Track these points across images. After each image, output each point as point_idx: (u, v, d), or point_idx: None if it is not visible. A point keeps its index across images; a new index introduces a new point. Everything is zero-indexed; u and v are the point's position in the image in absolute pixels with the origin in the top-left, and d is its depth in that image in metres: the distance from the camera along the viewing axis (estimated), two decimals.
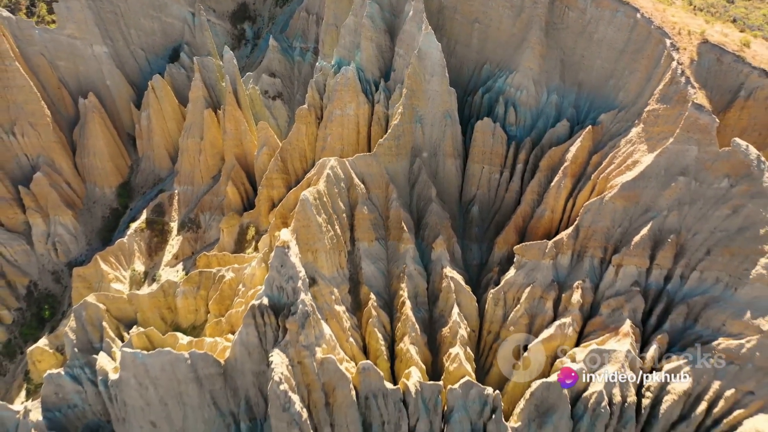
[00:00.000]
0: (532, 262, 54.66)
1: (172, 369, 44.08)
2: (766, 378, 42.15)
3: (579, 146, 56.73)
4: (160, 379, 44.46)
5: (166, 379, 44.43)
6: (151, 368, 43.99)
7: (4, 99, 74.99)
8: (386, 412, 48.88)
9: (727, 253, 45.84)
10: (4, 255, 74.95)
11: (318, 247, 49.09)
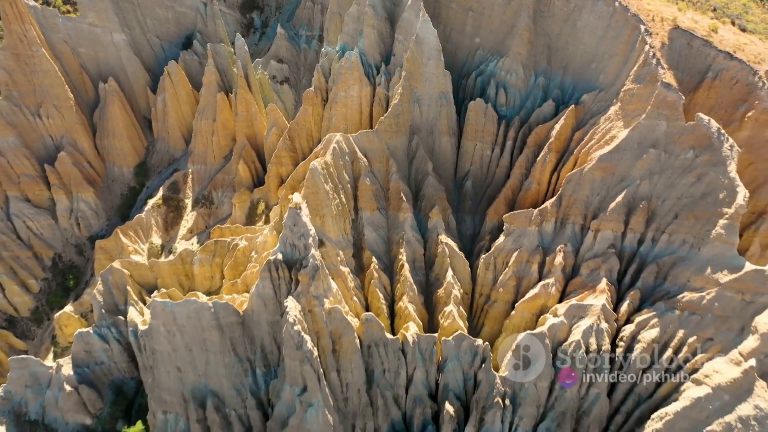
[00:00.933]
0: (520, 229, 59.31)
1: (197, 317, 48.94)
2: (724, 326, 46.77)
3: (563, 124, 61.38)
4: (186, 327, 49.28)
5: (192, 327, 49.26)
6: (179, 316, 48.84)
7: (30, 83, 79.42)
8: (387, 361, 53.82)
9: (691, 217, 50.52)
10: (31, 228, 79.48)
11: (325, 213, 53.87)
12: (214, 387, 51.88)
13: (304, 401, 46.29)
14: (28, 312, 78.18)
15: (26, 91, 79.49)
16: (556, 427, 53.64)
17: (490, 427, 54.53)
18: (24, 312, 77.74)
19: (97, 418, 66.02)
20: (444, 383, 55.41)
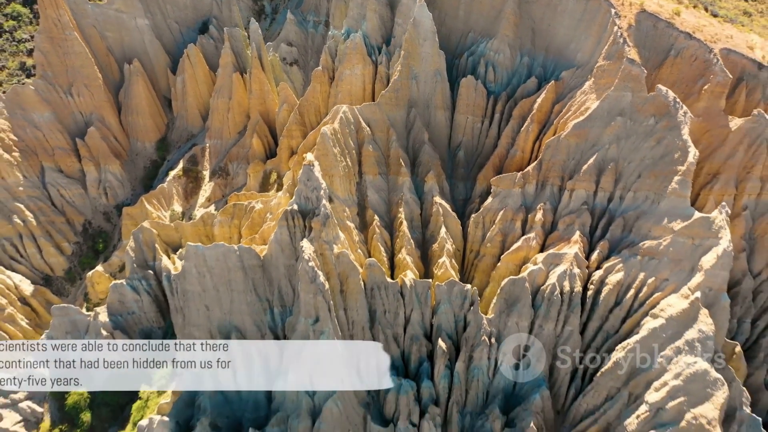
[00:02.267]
0: (505, 191, 65.81)
1: (224, 259, 55.61)
2: (677, 267, 53.35)
3: (544, 98, 67.77)
4: (214, 268, 56.00)
5: (219, 268, 56.02)
6: (209, 258, 55.51)
7: (63, 64, 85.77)
8: (387, 302, 60.61)
9: (652, 176, 57.09)
10: (64, 197, 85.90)
11: (334, 173, 60.51)
12: (238, 323, 58.69)
13: (316, 330, 53.08)
14: (63, 272, 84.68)
15: (59, 71, 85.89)
16: (535, 361, 60.63)
17: (477, 363, 61.48)
18: (59, 272, 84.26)
19: None
20: (437, 324, 62.17)
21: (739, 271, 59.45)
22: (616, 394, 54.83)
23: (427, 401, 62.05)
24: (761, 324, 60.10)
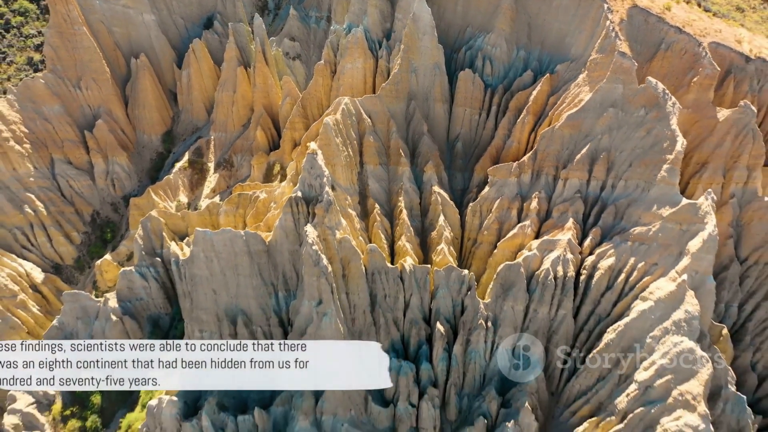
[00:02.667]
0: (502, 180, 67.74)
1: (231, 244, 57.56)
2: (666, 252, 55.33)
3: (539, 90, 69.69)
4: (222, 253, 57.96)
5: (227, 253, 57.92)
6: (216, 243, 57.47)
7: (72, 58, 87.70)
8: (387, 287, 62.59)
9: (642, 164, 59.01)
10: (72, 187, 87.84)
11: (336, 162, 62.47)
12: (244, 306, 60.72)
13: (320, 312, 55.11)
14: (72, 261, 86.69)
15: (68, 65, 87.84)
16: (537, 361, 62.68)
17: (475, 346, 63.50)
18: (68, 261, 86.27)
19: None
20: (436, 308, 64.19)
21: (727, 257, 61.50)
22: (607, 375, 56.85)
23: (426, 383, 64.12)
24: (748, 308, 62.02)
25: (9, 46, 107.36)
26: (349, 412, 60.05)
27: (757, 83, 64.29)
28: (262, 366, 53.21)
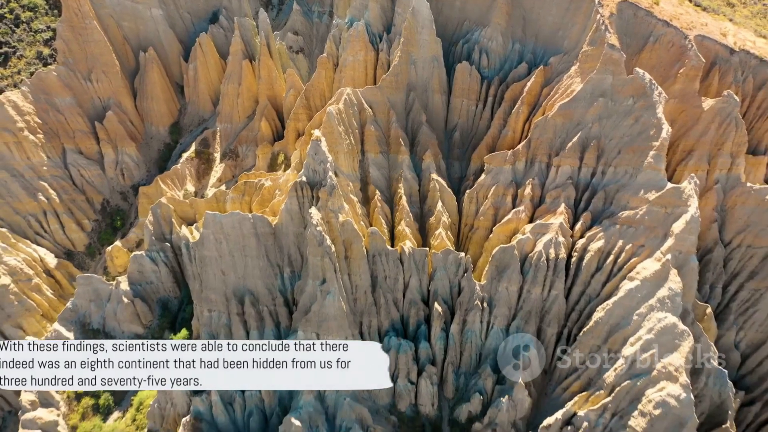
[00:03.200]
0: (497, 168, 70.17)
1: (239, 226, 60.10)
2: (652, 234, 57.80)
3: (533, 82, 72.19)
4: (230, 235, 60.53)
5: (235, 235, 60.51)
6: (225, 225, 60.06)
7: (83, 51, 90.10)
8: (387, 268, 65.19)
9: (630, 151, 61.55)
10: (84, 176, 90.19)
11: (338, 150, 64.98)
12: (251, 287, 63.33)
13: (323, 290, 57.74)
14: (83, 247, 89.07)
15: (79, 58, 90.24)
16: (524, 324, 65.07)
17: (471, 326, 66.19)
18: (80, 247, 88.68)
19: (147, 329, 77.77)
20: (434, 289, 66.85)
21: (711, 240, 63.98)
22: (596, 352, 59.42)
23: (424, 361, 66.96)
24: (732, 289, 64.40)
25: (19, 41, 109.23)
26: None
27: (741, 74, 66.75)
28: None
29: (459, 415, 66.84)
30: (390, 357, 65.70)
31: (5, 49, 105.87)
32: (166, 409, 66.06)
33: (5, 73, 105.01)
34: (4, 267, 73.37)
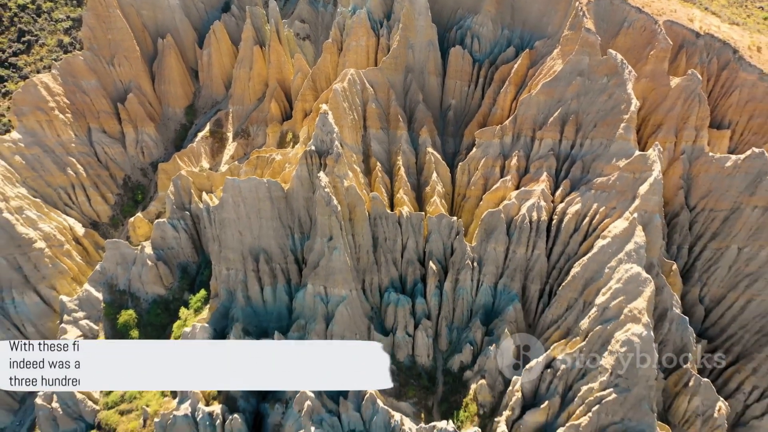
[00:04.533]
0: (487, 142, 76.27)
1: (255, 190, 66.25)
2: (622, 197, 63.77)
3: (520, 64, 78.20)
4: (247, 198, 66.73)
5: (252, 198, 66.66)
6: (243, 189, 66.18)
7: (106, 38, 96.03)
8: (387, 230, 71.43)
9: (605, 125, 67.60)
10: (107, 154, 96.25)
11: (343, 124, 71.07)
12: (265, 246, 69.55)
13: (330, 246, 64.03)
14: (107, 219, 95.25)
15: (103, 44, 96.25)
16: (510, 281, 71.37)
17: (463, 284, 72.37)
18: (104, 218, 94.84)
19: (168, 290, 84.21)
20: (429, 250, 73.08)
21: (678, 205, 69.98)
22: (574, 303, 65.72)
23: (420, 315, 73.17)
24: (696, 249, 70.28)
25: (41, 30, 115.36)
26: (355, 336, 69.04)
27: (706, 56, 72.73)
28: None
29: (452, 365, 73.05)
30: (389, 311, 72.34)
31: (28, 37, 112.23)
32: None
33: (29, 60, 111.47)
34: (39, 233, 79.49)
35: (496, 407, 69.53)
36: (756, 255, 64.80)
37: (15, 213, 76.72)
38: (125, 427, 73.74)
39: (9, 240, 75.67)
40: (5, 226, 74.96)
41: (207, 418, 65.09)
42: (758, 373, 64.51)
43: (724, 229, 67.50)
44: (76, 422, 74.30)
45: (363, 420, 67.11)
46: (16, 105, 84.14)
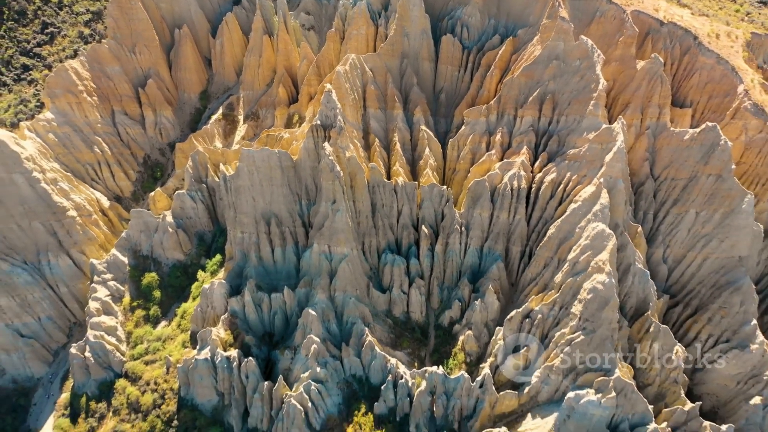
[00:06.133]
0: (474, 120, 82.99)
1: (268, 159, 73.10)
2: (592, 166, 70.45)
3: (504, 50, 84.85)
4: (260, 167, 73.62)
5: (264, 167, 73.48)
6: (257, 159, 73.01)
7: (128, 28, 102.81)
8: (384, 197, 78.19)
9: (578, 103, 74.46)
10: (129, 134, 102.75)
11: (345, 102, 77.89)
12: (276, 211, 76.49)
13: (334, 209, 71.08)
14: (129, 193, 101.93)
15: (125, 34, 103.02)
16: (494, 243, 78.31)
17: (452, 246, 79.23)
18: (126, 193, 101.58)
19: (187, 255, 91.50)
20: (422, 216, 79.84)
21: (644, 175, 76.57)
22: (549, 261, 72.79)
23: (414, 275, 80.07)
24: (660, 215, 76.62)
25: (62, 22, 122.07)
26: (356, 291, 76.26)
27: (669, 42, 79.53)
28: None
29: (442, 321, 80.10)
30: (386, 270, 79.39)
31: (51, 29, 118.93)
32: (207, 312, 79.60)
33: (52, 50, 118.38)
34: (71, 202, 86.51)
35: (481, 356, 76.73)
36: (711, 218, 71.12)
37: (50, 184, 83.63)
38: (150, 375, 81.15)
39: (46, 208, 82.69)
40: (43, 195, 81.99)
41: (224, 361, 72.39)
42: (712, 323, 70.99)
43: (684, 196, 73.85)
44: (106, 371, 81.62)
45: (362, 365, 74.61)
46: (49, 88, 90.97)
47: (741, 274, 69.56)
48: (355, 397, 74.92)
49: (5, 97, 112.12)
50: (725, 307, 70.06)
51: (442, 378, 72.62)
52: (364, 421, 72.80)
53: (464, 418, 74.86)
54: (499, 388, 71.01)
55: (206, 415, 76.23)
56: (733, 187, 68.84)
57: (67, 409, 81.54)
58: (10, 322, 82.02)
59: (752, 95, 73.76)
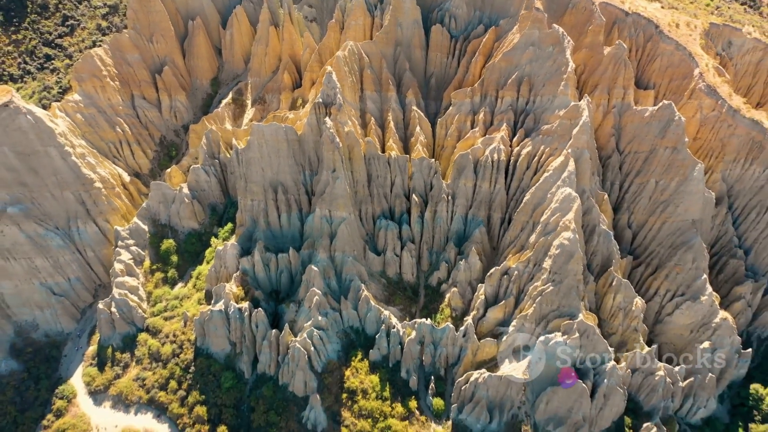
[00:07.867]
0: (460, 101, 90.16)
1: (275, 133, 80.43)
2: (562, 139, 77.27)
3: (487, 39, 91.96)
4: (269, 141, 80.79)
5: (273, 140, 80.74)
6: (266, 133, 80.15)
7: (147, 19, 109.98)
8: (379, 169, 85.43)
9: (550, 84, 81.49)
10: (147, 116, 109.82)
11: (344, 84, 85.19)
12: (282, 180, 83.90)
13: (334, 176, 78.46)
14: (147, 171, 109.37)
15: (144, 24, 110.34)
16: (478, 211, 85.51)
17: (440, 214, 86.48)
18: (144, 170, 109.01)
19: (201, 224, 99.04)
20: (413, 186, 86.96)
21: (611, 149, 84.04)
22: (525, 225, 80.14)
23: (406, 239, 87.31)
24: (626, 185, 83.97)
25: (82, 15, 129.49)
26: (353, 252, 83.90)
27: (634, 30, 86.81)
28: None
29: (431, 281, 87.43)
30: (381, 235, 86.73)
31: (71, 22, 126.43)
32: (220, 271, 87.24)
33: (72, 41, 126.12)
34: (97, 175, 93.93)
35: (465, 311, 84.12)
36: (668, 186, 78.45)
37: (79, 158, 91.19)
38: (169, 328, 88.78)
39: (75, 179, 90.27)
40: (73, 167, 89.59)
41: (237, 312, 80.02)
42: (669, 278, 78.50)
43: (645, 167, 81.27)
44: (129, 326, 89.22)
45: (359, 317, 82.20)
46: (77, 72, 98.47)
47: (693, 235, 76.88)
48: (353, 345, 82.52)
49: (30, 84, 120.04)
50: (680, 264, 77.47)
51: (430, 328, 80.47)
52: (361, 366, 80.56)
53: (450, 365, 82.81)
54: (481, 338, 78.43)
55: (220, 362, 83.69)
56: (686, 157, 76.20)
57: (94, 359, 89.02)
58: (45, 281, 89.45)
59: (706, 78, 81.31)
